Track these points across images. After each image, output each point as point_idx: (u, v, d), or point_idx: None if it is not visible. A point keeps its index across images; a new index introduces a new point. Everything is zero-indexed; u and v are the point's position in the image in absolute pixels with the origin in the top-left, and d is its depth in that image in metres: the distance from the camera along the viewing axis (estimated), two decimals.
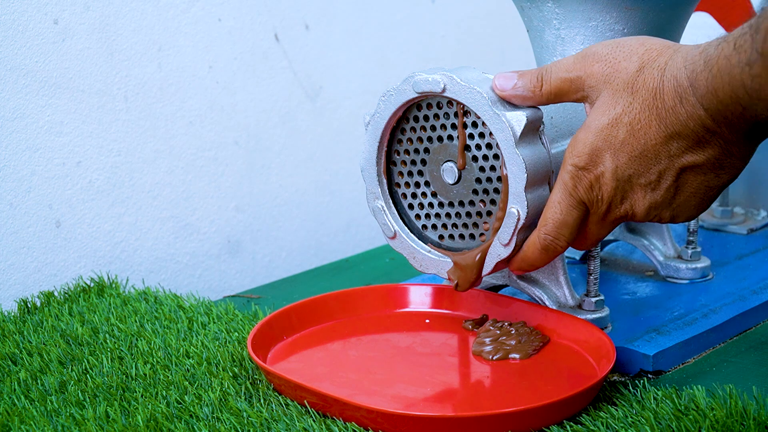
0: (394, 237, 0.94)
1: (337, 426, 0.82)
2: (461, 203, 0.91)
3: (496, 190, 0.89)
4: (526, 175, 0.86)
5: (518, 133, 0.85)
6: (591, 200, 0.83)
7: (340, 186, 1.47)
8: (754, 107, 0.75)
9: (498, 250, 0.89)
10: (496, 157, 0.88)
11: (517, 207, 0.86)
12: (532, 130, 0.86)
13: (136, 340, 0.98)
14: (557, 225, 0.85)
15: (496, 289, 1.01)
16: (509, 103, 0.87)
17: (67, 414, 0.84)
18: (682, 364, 0.94)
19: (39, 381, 0.90)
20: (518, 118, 0.85)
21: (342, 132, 1.45)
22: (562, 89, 0.84)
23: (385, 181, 0.94)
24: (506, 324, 0.95)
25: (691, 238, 1.08)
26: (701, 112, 0.77)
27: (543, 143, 0.88)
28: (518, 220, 0.87)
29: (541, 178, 0.87)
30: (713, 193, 0.83)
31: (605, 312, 0.96)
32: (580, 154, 0.82)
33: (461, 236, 0.92)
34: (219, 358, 0.93)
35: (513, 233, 0.87)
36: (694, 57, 0.78)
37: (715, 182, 0.82)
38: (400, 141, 0.93)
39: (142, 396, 0.87)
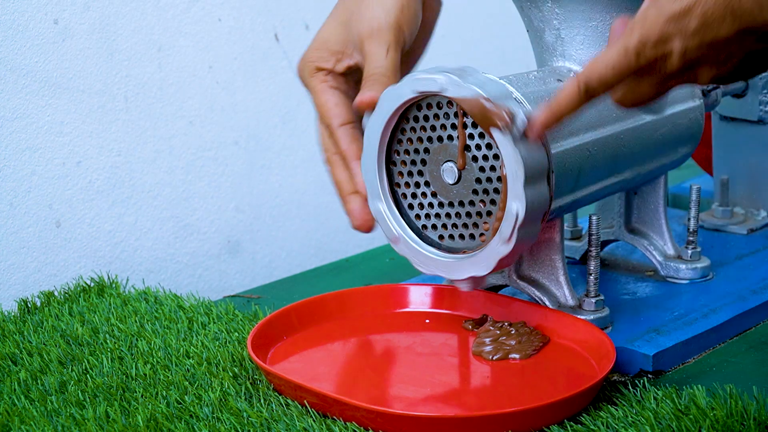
0: (396, 241, 0.94)
1: (337, 426, 0.82)
2: (461, 203, 0.91)
3: (496, 190, 0.89)
4: (524, 171, 0.85)
5: (517, 131, 0.85)
6: (651, 70, 0.81)
7: None
8: None
9: (498, 249, 0.88)
10: (496, 157, 0.88)
11: (516, 204, 0.86)
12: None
13: (136, 340, 0.98)
14: (604, 82, 0.82)
15: (496, 289, 1.02)
16: (507, 100, 0.87)
17: (67, 414, 0.84)
18: (682, 364, 0.94)
19: (39, 381, 0.90)
20: (517, 114, 0.85)
21: None
22: None
23: (386, 180, 0.94)
24: (506, 324, 0.95)
25: (691, 238, 1.08)
26: None
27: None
28: (517, 218, 0.86)
29: (540, 174, 0.87)
30: None
31: (605, 312, 0.96)
32: (650, 31, 0.80)
33: (461, 236, 0.92)
34: (219, 358, 0.93)
35: (513, 230, 0.87)
36: None
37: None
38: (400, 141, 0.93)
39: (142, 396, 0.87)
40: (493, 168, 0.89)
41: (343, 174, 0.96)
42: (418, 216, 0.94)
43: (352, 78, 0.97)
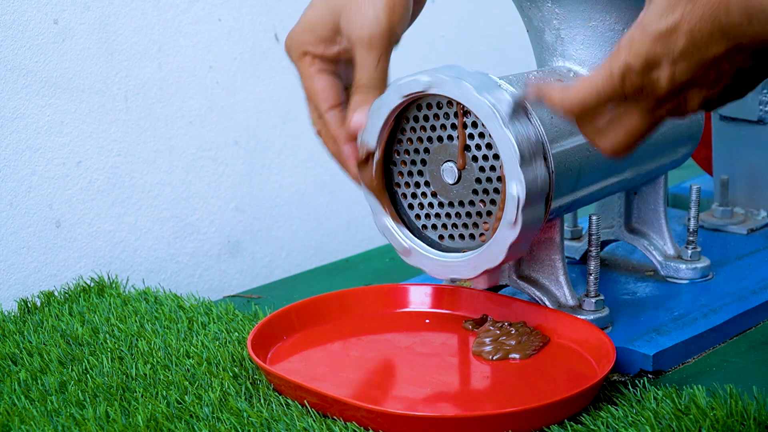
0: (408, 254, 0.93)
1: (338, 426, 0.82)
2: (461, 203, 0.91)
3: (496, 190, 0.89)
4: (519, 152, 0.85)
5: (504, 113, 0.86)
6: (638, 95, 0.78)
7: (340, 186, 1.47)
8: None
9: (505, 235, 0.88)
10: (496, 157, 0.88)
11: (515, 185, 0.86)
12: (518, 109, 0.87)
13: (136, 340, 0.98)
14: (584, 108, 0.79)
15: (496, 289, 1.02)
16: (494, 90, 0.87)
17: (67, 414, 0.84)
18: (682, 364, 0.94)
19: (39, 381, 0.90)
20: (503, 98, 0.86)
21: None
22: None
23: (387, 196, 0.94)
24: (506, 324, 0.95)
25: (691, 238, 1.08)
26: None
27: (531, 122, 0.88)
28: (519, 200, 0.86)
29: (536, 156, 0.87)
30: (762, 79, 0.79)
31: (605, 312, 0.96)
32: (638, 54, 0.76)
33: (461, 236, 0.92)
34: (219, 358, 0.93)
35: (516, 213, 0.87)
36: None
37: (766, 72, 0.78)
38: (400, 141, 0.93)
39: (142, 396, 0.87)
40: (493, 168, 0.89)
41: (336, 147, 0.95)
42: (418, 216, 0.94)
43: (342, 60, 0.96)
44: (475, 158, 0.89)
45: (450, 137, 0.90)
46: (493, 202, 0.90)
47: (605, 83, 0.78)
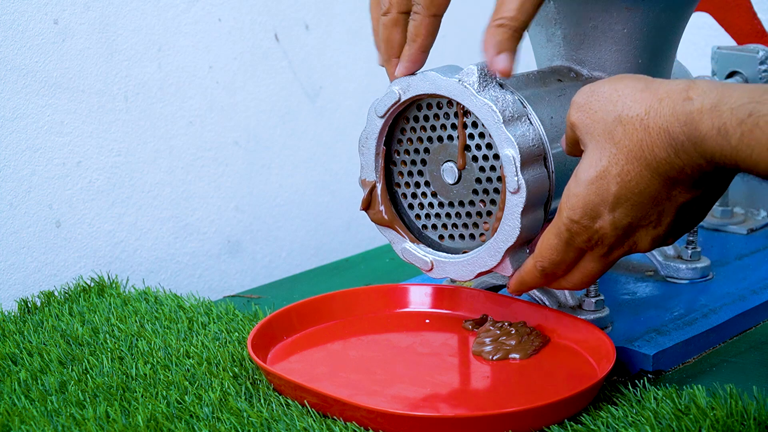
0: (431, 269, 0.93)
1: (338, 426, 0.82)
2: (461, 203, 0.91)
3: (496, 190, 0.89)
4: (519, 154, 0.85)
5: (473, 81, 0.86)
6: (590, 247, 0.82)
7: (340, 186, 1.47)
8: None
9: (499, 245, 0.88)
10: (496, 157, 0.88)
11: (516, 187, 0.86)
12: (518, 112, 0.87)
13: (137, 340, 0.98)
14: (554, 263, 0.84)
15: (496, 289, 1.02)
16: (498, 87, 0.87)
17: (68, 414, 0.84)
18: (682, 364, 0.94)
19: (39, 381, 0.90)
20: (468, 71, 0.86)
21: (342, 132, 1.45)
22: (573, 138, 0.82)
23: (389, 198, 0.94)
24: (506, 324, 0.95)
25: (691, 238, 1.08)
26: (702, 162, 0.75)
27: (531, 122, 0.88)
28: (521, 201, 0.86)
29: (536, 156, 0.87)
30: (709, 208, 0.82)
31: (605, 312, 0.96)
32: (574, 207, 0.80)
33: (461, 236, 0.92)
34: (219, 358, 0.93)
35: (517, 217, 0.87)
36: (691, 111, 0.74)
37: (711, 201, 0.81)
38: (400, 141, 0.93)
39: (142, 396, 0.87)
40: (493, 168, 0.89)
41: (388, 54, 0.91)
42: (418, 216, 0.94)
43: None
44: (475, 158, 0.89)
45: (450, 137, 0.90)
46: (493, 202, 0.89)
47: (558, 241, 0.82)
